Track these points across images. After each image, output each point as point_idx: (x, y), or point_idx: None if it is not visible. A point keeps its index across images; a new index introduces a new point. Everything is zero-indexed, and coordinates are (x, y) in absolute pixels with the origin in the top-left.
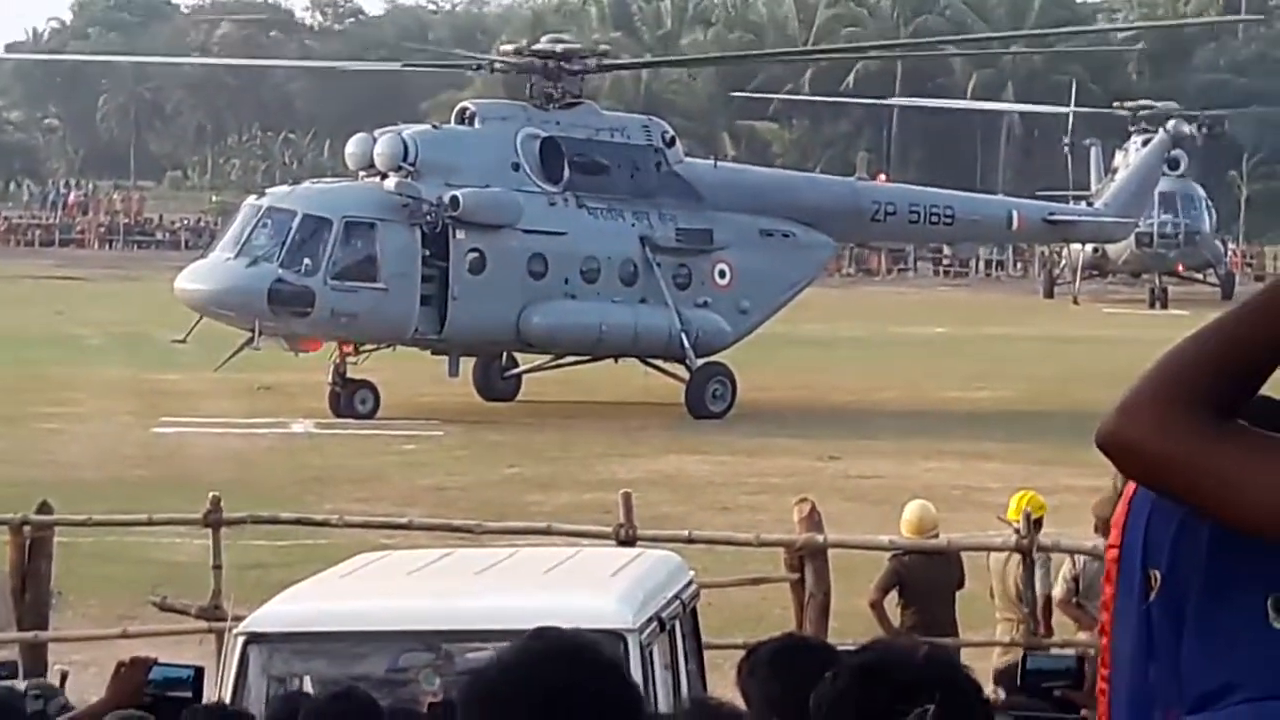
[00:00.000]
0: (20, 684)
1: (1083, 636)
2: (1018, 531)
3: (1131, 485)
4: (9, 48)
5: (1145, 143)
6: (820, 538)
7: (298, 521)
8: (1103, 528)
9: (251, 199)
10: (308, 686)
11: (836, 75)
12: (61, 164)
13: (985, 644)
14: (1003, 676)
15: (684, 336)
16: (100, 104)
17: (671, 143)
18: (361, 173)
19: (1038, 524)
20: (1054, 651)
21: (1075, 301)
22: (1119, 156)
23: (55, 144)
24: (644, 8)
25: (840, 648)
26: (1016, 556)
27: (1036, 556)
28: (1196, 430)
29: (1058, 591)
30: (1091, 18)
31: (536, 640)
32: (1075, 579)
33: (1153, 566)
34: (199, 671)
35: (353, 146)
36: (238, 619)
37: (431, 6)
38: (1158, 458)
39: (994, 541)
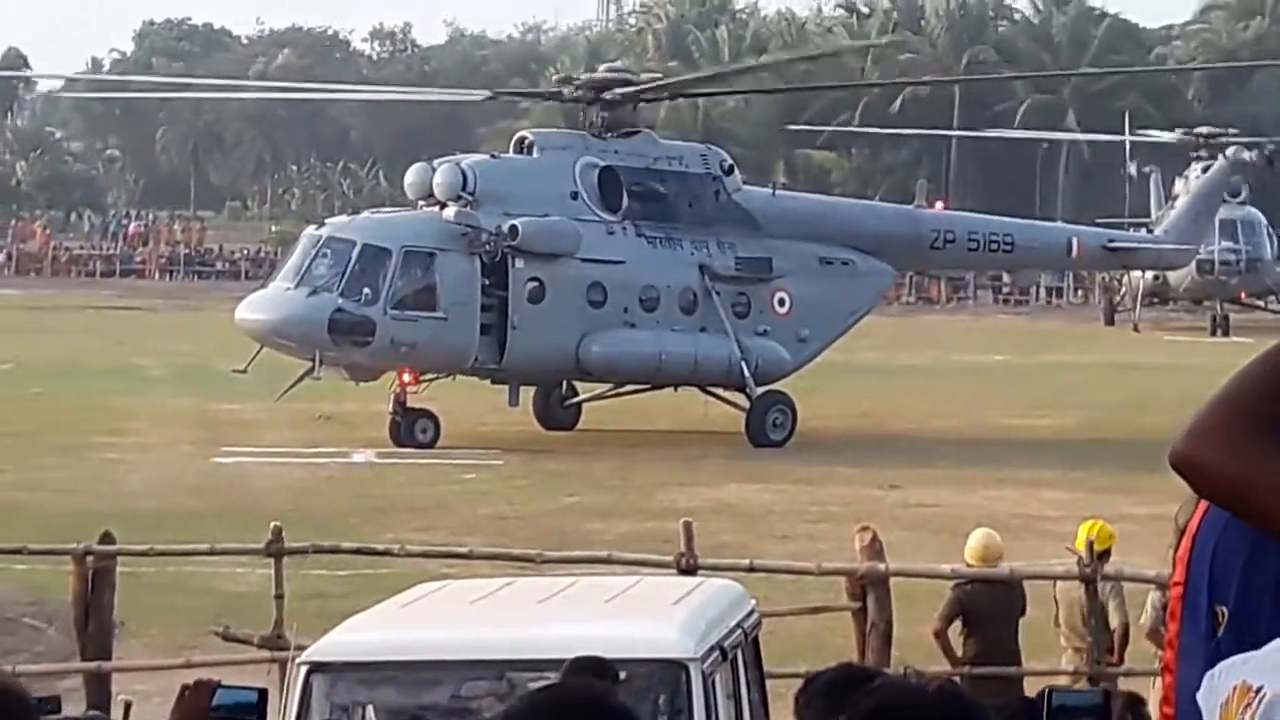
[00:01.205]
0: (73, 715)
1: None
2: (1080, 561)
3: (1195, 521)
4: (70, 81)
5: (1205, 169)
6: (882, 566)
7: (359, 551)
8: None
9: (311, 229)
10: (370, 716)
11: (892, 101)
12: (122, 194)
13: (1049, 673)
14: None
15: (744, 365)
16: (160, 135)
17: (730, 171)
18: (420, 202)
19: (1104, 554)
20: (1079, 687)
21: (1136, 329)
22: (1179, 183)
23: (115, 175)
24: (699, 36)
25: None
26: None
27: (1105, 585)
28: (1265, 450)
29: (1145, 620)
30: (1152, 44)
31: (543, 695)
32: (1163, 608)
33: (1219, 603)
34: (263, 694)
35: (411, 176)
36: (300, 648)
37: (491, 35)
38: (1228, 477)
39: (1056, 570)
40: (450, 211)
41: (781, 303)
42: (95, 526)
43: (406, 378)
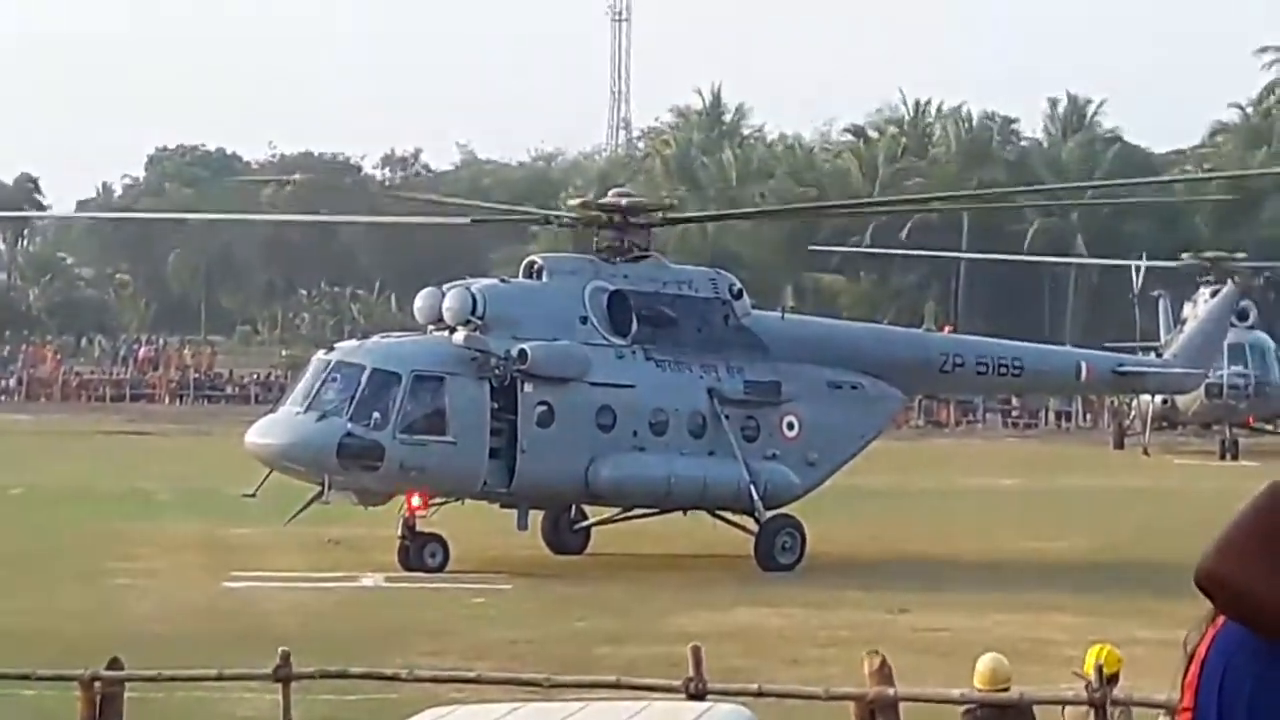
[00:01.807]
0: None
1: None
2: (1089, 685)
3: (1204, 647)
4: (80, 205)
5: (1214, 294)
6: (891, 691)
7: (367, 675)
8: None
9: (320, 353)
10: None
11: (901, 226)
12: (133, 319)
13: None
14: None
15: (753, 488)
16: (171, 260)
17: (739, 295)
18: (430, 326)
19: (1113, 678)
20: None
21: (1145, 452)
22: (1188, 307)
23: (127, 299)
24: (707, 161)
25: None
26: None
27: (1114, 710)
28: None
29: None
30: (1161, 169)
31: None
32: None
33: None
34: None
35: (421, 300)
36: None
37: (500, 160)
38: (1247, 594)
39: (1066, 695)
40: (460, 336)
41: (790, 426)
42: (104, 652)
43: (416, 502)
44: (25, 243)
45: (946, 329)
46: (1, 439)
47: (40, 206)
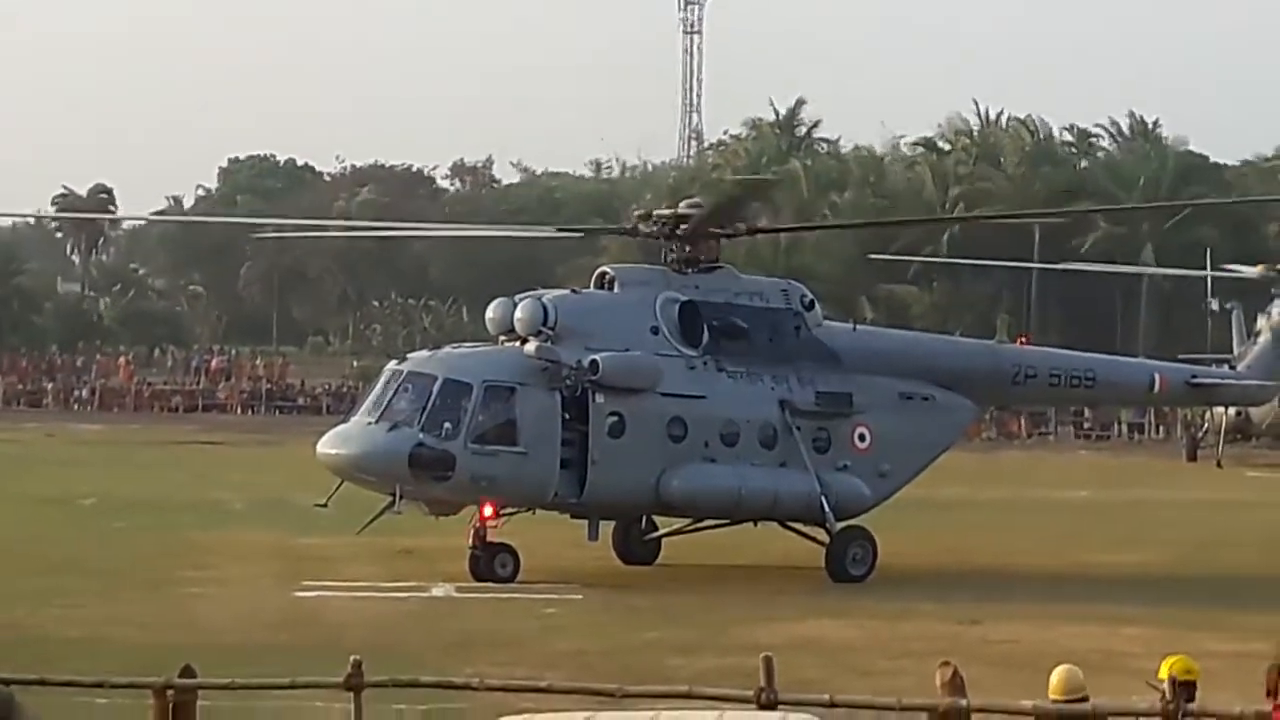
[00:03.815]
0: None
1: None
2: (1164, 697)
3: None
4: (155, 215)
5: None
6: (963, 702)
7: (438, 685)
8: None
9: (392, 364)
10: None
11: (973, 238)
12: (205, 330)
13: None
14: None
15: (824, 500)
16: (243, 270)
17: (810, 306)
18: (501, 337)
19: (1187, 687)
20: None
21: (1219, 465)
22: (1261, 319)
23: (199, 310)
24: (778, 173)
25: None
26: None
27: None
28: None
29: None
30: (1230, 179)
31: None
32: None
33: None
34: None
35: (493, 311)
36: None
37: (571, 173)
38: None
39: (1139, 706)
40: (531, 346)
41: (862, 438)
42: (176, 660)
43: (487, 512)
44: (98, 254)
45: (1022, 340)
46: (74, 449)
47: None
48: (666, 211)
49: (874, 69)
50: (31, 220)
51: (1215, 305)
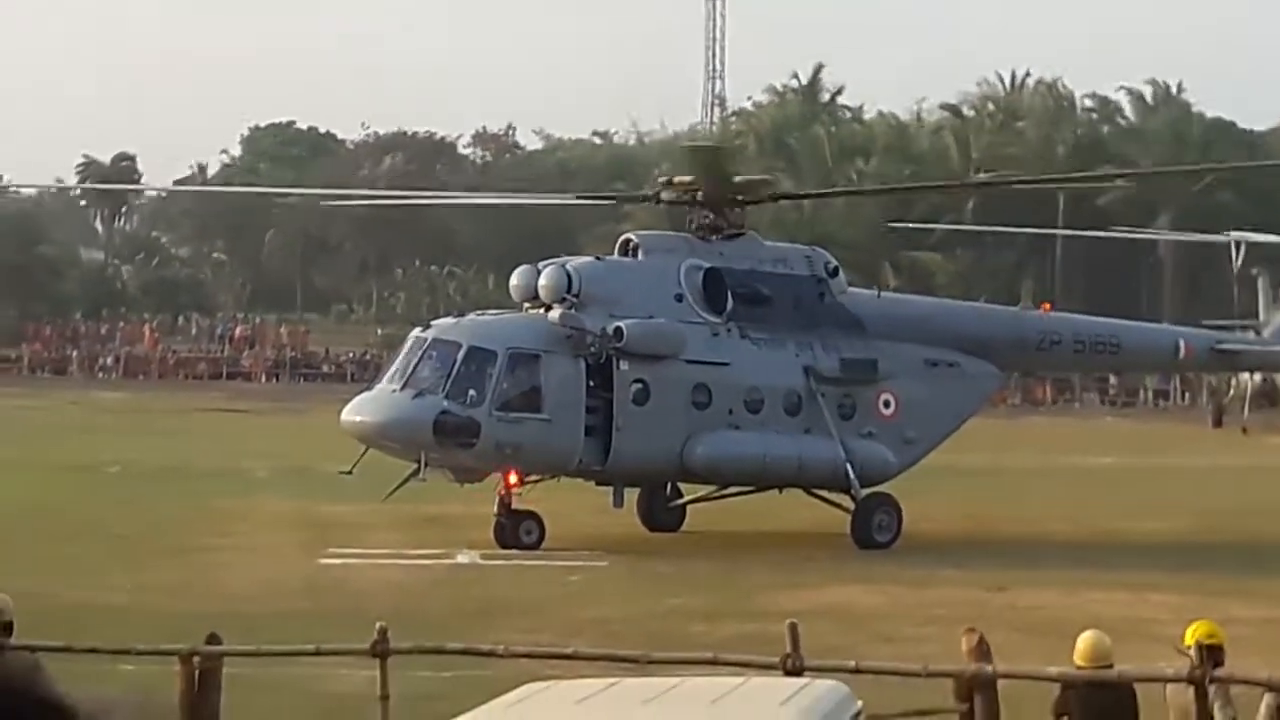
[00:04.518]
0: None
1: None
2: (1191, 661)
3: None
4: (177, 183)
5: None
6: (989, 668)
7: (464, 652)
8: None
9: (416, 331)
10: None
11: (998, 204)
12: (229, 298)
13: None
14: None
15: (849, 467)
16: (267, 239)
17: (835, 273)
18: (525, 304)
19: (1214, 653)
20: None
21: (1244, 431)
22: None
23: (223, 278)
24: (802, 139)
25: None
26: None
27: (1213, 687)
28: None
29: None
30: (1253, 144)
31: None
32: (1278, 709)
33: None
34: None
35: (517, 279)
36: None
37: (593, 140)
38: None
39: (1166, 672)
40: (555, 313)
41: (887, 404)
42: (201, 628)
43: (511, 479)
44: (122, 222)
45: (1045, 307)
46: (99, 416)
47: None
48: (689, 178)
49: (898, 34)
50: (54, 189)
51: (1239, 271)
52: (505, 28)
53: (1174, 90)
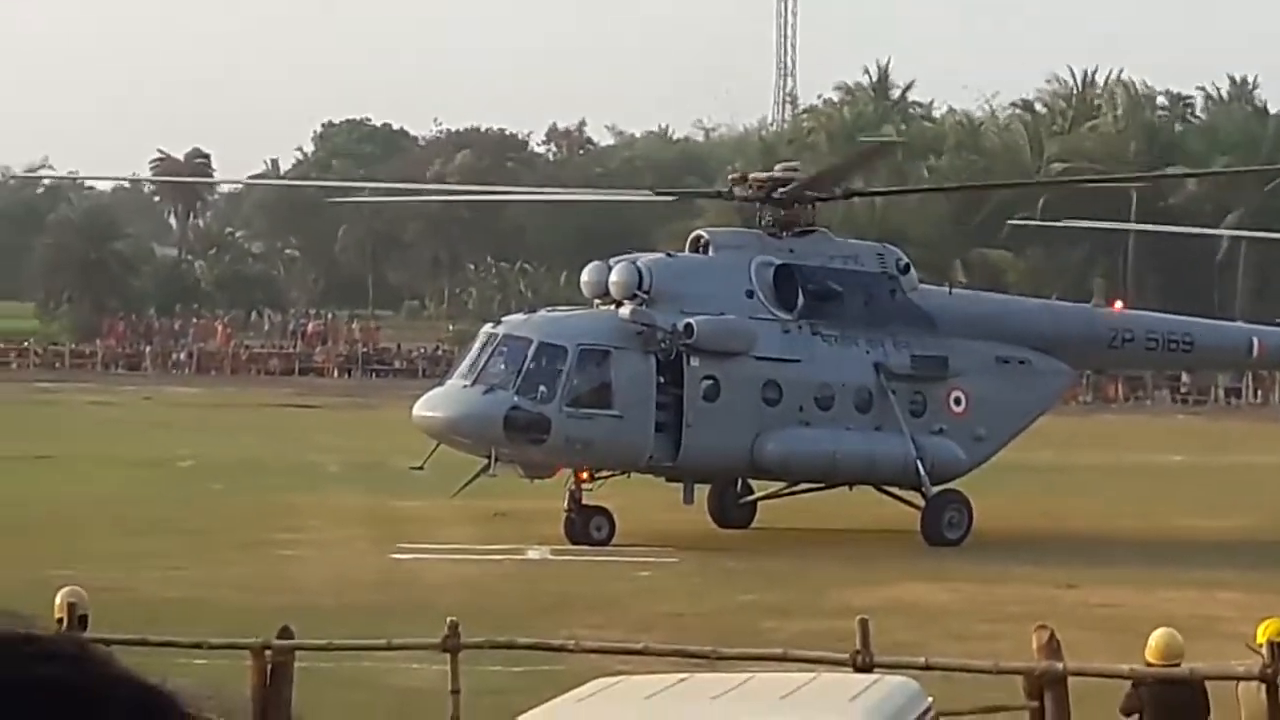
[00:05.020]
0: None
1: None
2: (1263, 660)
3: None
4: (251, 179)
5: None
6: (1060, 665)
7: (534, 647)
8: None
9: (488, 327)
10: None
11: (1069, 200)
12: (301, 294)
13: None
14: None
15: (919, 464)
16: (339, 235)
17: (906, 270)
18: (596, 301)
19: None
20: None
21: None
22: None
23: (295, 274)
24: (872, 135)
25: None
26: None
27: None
28: None
29: None
30: None
31: None
32: None
33: None
34: None
35: (588, 275)
36: None
37: (669, 135)
38: None
39: (1237, 670)
40: (626, 310)
41: (958, 402)
42: (274, 622)
43: (582, 475)
44: (196, 218)
45: (1118, 304)
46: (172, 411)
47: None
48: (762, 175)
49: (970, 30)
50: (128, 184)
51: None
52: (577, 24)
53: (1250, 85)
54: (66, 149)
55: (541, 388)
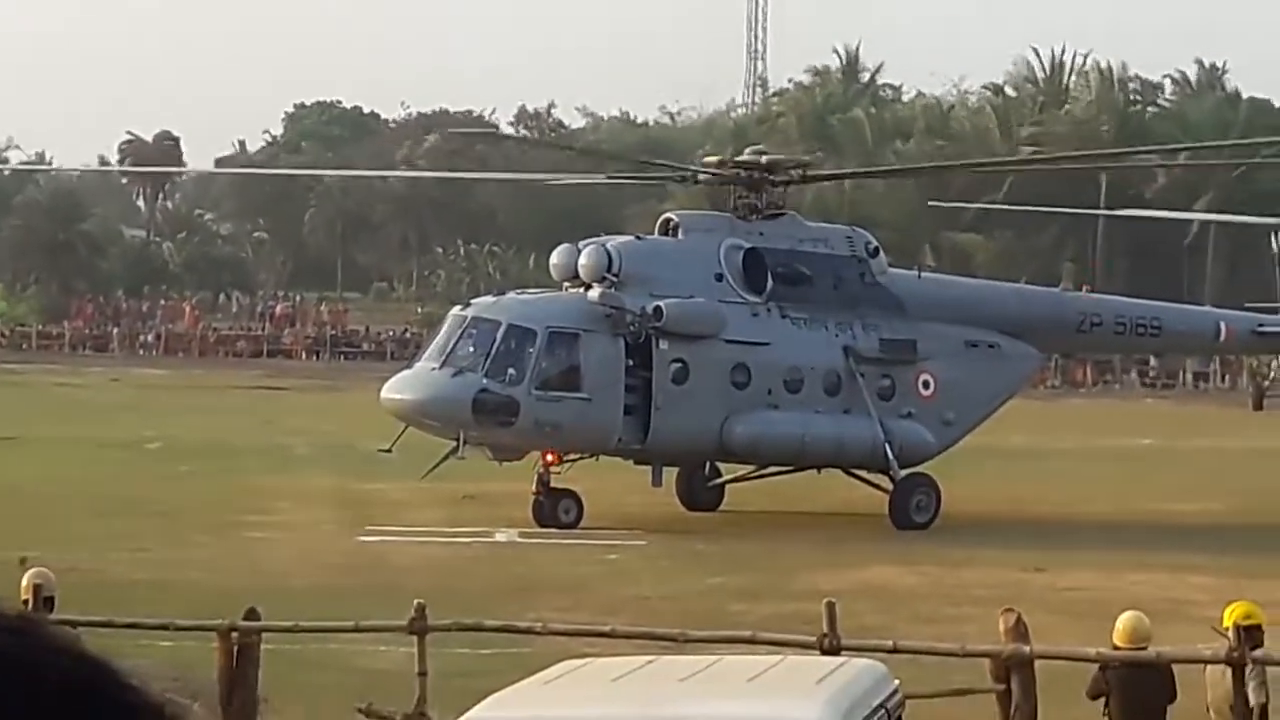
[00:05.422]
0: None
1: None
2: (1229, 644)
3: None
4: (219, 162)
5: None
6: (1026, 648)
7: (502, 629)
8: None
9: (456, 309)
10: None
11: (1038, 185)
12: (269, 276)
13: None
14: None
15: (887, 447)
16: (308, 217)
17: (875, 253)
18: (565, 283)
19: (1252, 633)
20: None
21: None
22: None
23: (264, 256)
24: (842, 120)
25: None
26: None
27: (1250, 668)
28: None
29: None
30: None
31: None
32: None
33: None
34: None
35: (557, 258)
36: None
37: (629, 118)
38: None
39: (1204, 654)
40: (595, 293)
41: (926, 385)
42: (240, 604)
43: (550, 458)
44: (164, 200)
45: (1085, 288)
46: (140, 393)
47: (179, 164)
48: (732, 158)
49: (939, 13)
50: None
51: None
52: (546, 6)
53: (1218, 71)
54: (33, 130)
55: (510, 370)
